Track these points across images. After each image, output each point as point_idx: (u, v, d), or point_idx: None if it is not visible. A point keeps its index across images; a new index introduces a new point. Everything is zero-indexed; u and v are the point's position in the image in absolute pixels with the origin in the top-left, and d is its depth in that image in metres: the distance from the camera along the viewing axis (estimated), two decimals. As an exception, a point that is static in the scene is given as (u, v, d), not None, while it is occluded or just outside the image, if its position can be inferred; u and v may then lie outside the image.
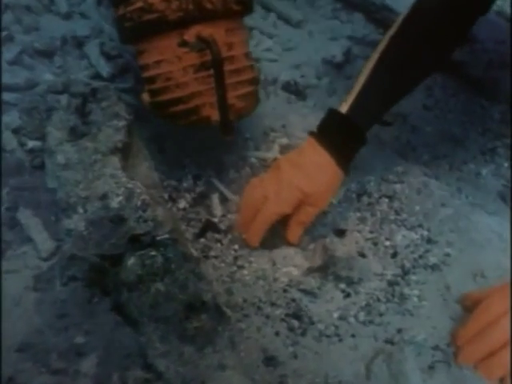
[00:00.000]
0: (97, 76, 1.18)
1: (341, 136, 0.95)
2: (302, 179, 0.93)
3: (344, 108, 0.94)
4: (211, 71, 0.89)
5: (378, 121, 0.99)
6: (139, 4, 0.87)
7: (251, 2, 0.97)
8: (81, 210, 0.89)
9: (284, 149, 1.18)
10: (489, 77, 1.29)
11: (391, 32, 0.95)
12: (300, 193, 0.93)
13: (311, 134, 0.97)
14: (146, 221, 0.86)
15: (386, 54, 0.94)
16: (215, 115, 0.92)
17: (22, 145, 1.02)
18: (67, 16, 1.28)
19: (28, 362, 0.75)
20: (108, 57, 1.21)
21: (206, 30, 0.88)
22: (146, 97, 0.95)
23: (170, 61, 0.90)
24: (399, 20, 0.96)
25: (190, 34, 0.88)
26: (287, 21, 1.52)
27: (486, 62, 1.29)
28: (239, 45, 0.94)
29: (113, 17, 0.97)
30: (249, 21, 1.49)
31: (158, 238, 0.84)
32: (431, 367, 0.80)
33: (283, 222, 0.98)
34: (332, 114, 0.96)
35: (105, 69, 1.18)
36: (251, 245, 0.97)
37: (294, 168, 0.94)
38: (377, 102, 0.95)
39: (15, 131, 1.03)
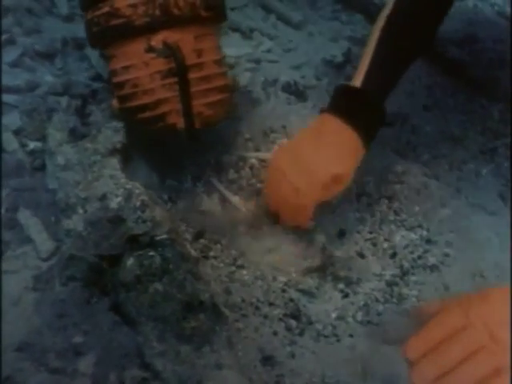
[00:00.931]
0: (97, 77, 1.18)
1: (360, 108, 0.93)
2: (330, 162, 0.90)
3: (357, 83, 0.93)
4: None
5: (388, 95, 0.97)
6: (106, 9, 0.88)
7: (223, 9, 0.96)
8: (80, 211, 0.89)
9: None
10: (489, 76, 1.29)
11: (386, 12, 0.97)
12: (329, 175, 0.90)
13: (325, 110, 0.95)
14: (144, 221, 0.86)
15: (386, 31, 0.95)
16: (181, 122, 0.93)
17: (23, 146, 1.03)
18: (68, 18, 1.29)
19: (26, 361, 0.75)
20: (108, 58, 1.21)
21: (173, 36, 0.88)
22: (115, 103, 0.95)
23: (138, 67, 0.90)
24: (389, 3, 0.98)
25: (157, 40, 0.88)
26: (287, 22, 1.53)
27: (486, 62, 1.29)
28: (209, 51, 0.94)
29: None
30: (249, 22, 1.51)
31: (157, 239, 0.85)
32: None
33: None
34: (345, 89, 0.95)
35: (105, 70, 1.18)
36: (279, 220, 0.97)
37: (318, 150, 0.91)
38: (386, 74, 0.96)
39: (16, 132, 1.04)
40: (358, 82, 0.94)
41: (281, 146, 0.99)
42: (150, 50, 0.88)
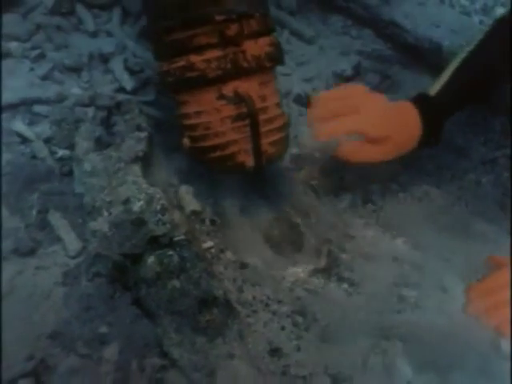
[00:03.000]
0: (121, 90, 1.26)
1: (429, 109, 1.08)
2: (392, 124, 1.06)
3: (433, 91, 1.09)
4: (246, 121, 0.96)
5: (454, 111, 1.13)
6: (182, 63, 0.95)
7: (282, 57, 1.04)
8: (105, 213, 0.97)
9: (295, 158, 1.26)
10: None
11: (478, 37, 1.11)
12: (389, 130, 1.05)
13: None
14: (164, 223, 0.94)
15: (471, 56, 1.10)
16: (249, 161, 1.00)
17: (53, 153, 1.11)
18: (94, 34, 1.37)
19: (57, 347, 0.83)
20: (131, 72, 1.29)
21: (242, 85, 0.95)
22: (186, 142, 1.02)
23: (209, 112, 0.97)
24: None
25: (228, 89, 0.95)
26: (300, 37, 1.59)
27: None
28: (271, 96, 1.01)
29: (156, 70, 1.05)
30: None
31: (175, 239, 0.92)
32: (421, 362, 0.87)
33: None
34: (422, 93, 1.11)
35: (128, 83, 1.26)
36: (319, 137, 1.06)
37: (392, 114, 1.07)
38: (459, 93, 1.11)
39: (46, 141, 1.12)
40: (434, 90, 1.10)
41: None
42: (222, 97, 0.96)
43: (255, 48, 0.96)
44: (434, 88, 1.10)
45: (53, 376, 0.80)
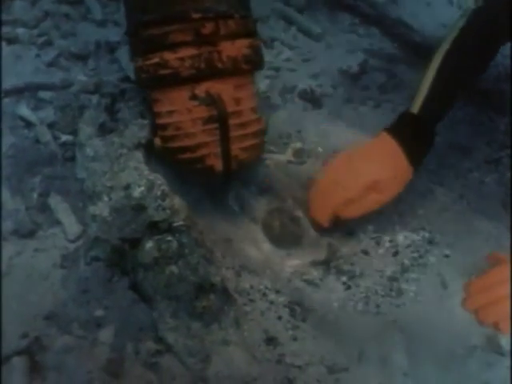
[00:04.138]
0: (126, 79, 1.26)
1: (413, 134, 1.06)
2: (373, 166, 1.03)
3: (415, 109, 1.05)
4: (218, 124, 0.94)
5: (442, 119, 1.09)
6: (155, 60, 0.93)
7: (262, 61, 1.01)
8: (106, 198, 0.97)
9: (298, 152, 1.25)
10: (497, 89, 1.35)
11: (445, 47, 1.07)
12: (369, 179, 1.01)
13: (384, 130, 1.07)
14: (164, 209, 0.93)
15: (445, 64, 1.06)
16: (218, 165, 0.97)
17: (56, 138, 1.11)
18: (102, 23, 1.37)
19: (53, 328, 0.83)
20: (137, 61, 1.29)
21: (215, 86, 0.93)
22: (157, 141, 1.00)
23: (181, 112, 0.95)
24: (449, 38, 1.08)
25: (201, 89, 0.93)
26: (307, 33, 1.60)
27: (495, 75, 1.35)
28: (247, 99, 0.98)
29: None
30: (271, 32, 1.59)
31: (174, 225, 0.92)
32: (418, 353, 0.86)
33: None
34: (405, 114, 1.08)
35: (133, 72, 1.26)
36: (321, 224, 1.05)
37: (365, 157, 1.05)
38: (442, 101, 1.08)
39: (50, 126, 1.12)
40: (416, 108, 1.05)
41: (336, 157, 1.10)
42: (194, 98, 0.93)
43: (232, 49, 0.93)
44: (416, 104, 1.06)
45: (47, 354, 0.79)
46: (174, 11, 0.91)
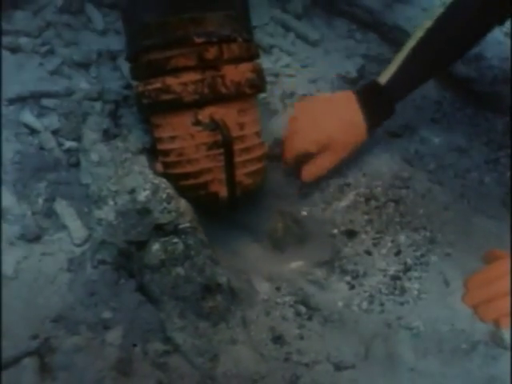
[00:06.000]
0: (128, 86, 1.28)
1: (374, 101, 1.13)
2: (331, 121, 1.09)
3: (383, 80, 1.12)
4: (222, 149, 0.92)
5: (405, 96, 1.16)
6: (157, 85, 0.91)
7: (264, 84, 1.00)
8: (111, 202, 0.98)
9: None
10: (494, 91, 1.36)
11: (427, 25, 1.10)
12: (325, 135, 1.08)
13: (351, 90, 1.14)
14: (169, 212, 0.94)
15: (421, 42, 1.10)
16: (223, 191, 0.95)
17: (60, 145, 1.12)
18: (103, 32, 1.39)
19: (61, 330, 0.84)
20: (139, 69, 1.31)
21: (219, 111, 0.91)
22: (159, 167, 0.99)
23: (184, 138, 0.94)
24: (435, 14, 1.10)
25: (204, 115, 0.91)
26: (305, 39, 1.61)
27: (491, 78, 1.36)
28: (250, 124, 0.97)
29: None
30: (270, 39, 1.60)
31: (180, 227, 0.93)
32: (424, 350, 0.87)
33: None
34: (372, 82, 1.15)
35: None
36: (287, 163, 1.14)
37: (326, 111, 1.12)
38: (408, 81, 1.14)
39: (54, 132, 1.13)
40: (383, 79, 1.12)
41: (303, 101, 1.21)
42: (197, 123, 0.92)
43: (235, 73, 0.92)
44: (385, 76, 1.12)
45: (57, 355, 0.80)
46: (177, 35, 0.89)
